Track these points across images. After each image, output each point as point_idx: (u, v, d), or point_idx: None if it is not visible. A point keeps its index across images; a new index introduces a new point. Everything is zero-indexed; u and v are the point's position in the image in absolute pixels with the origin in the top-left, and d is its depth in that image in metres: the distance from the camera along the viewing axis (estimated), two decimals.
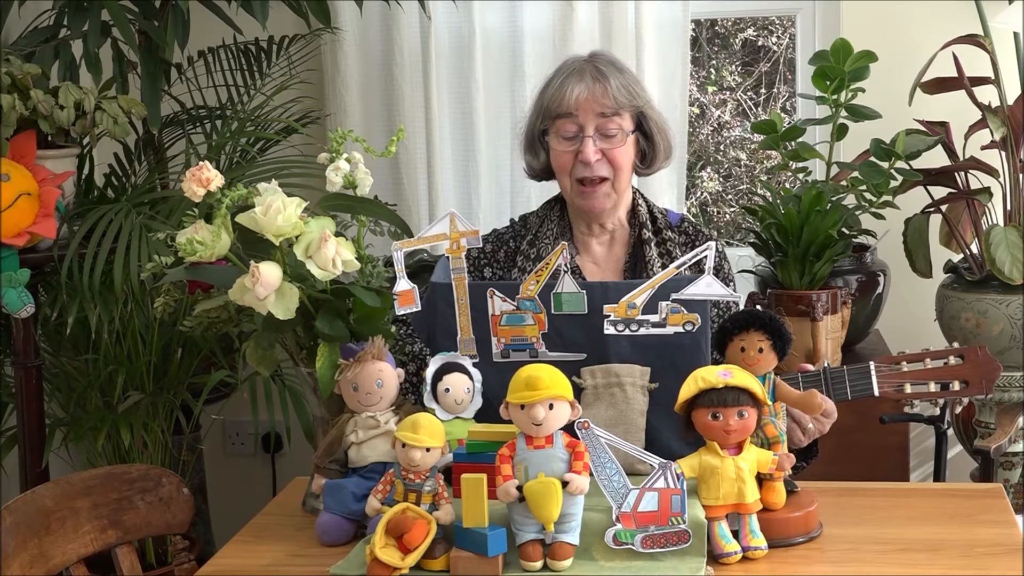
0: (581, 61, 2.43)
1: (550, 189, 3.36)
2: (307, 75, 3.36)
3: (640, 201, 2.48)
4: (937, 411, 3.09)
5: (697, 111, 4.48)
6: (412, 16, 3.39)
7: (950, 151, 3.10)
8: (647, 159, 2.46)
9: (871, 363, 2.06)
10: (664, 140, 2.46)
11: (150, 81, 2.90)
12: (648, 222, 2.45)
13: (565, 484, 1.69)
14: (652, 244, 2.42)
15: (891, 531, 1.87)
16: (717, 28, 4.46)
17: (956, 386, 2.04)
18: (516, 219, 2.55)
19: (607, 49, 3.32)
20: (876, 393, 2.06)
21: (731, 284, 2.44)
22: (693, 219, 2.55)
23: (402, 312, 1.95)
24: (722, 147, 4.62)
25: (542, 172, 2.51)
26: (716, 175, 4.61)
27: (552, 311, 2.01)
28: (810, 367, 2.11)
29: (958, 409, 3.15)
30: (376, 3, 3.33)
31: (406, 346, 2.33)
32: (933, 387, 2.05)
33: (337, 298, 1.92)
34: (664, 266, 2.37)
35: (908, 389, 2.05)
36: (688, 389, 1.79)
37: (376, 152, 1.99)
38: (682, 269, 1.98)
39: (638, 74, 3.31)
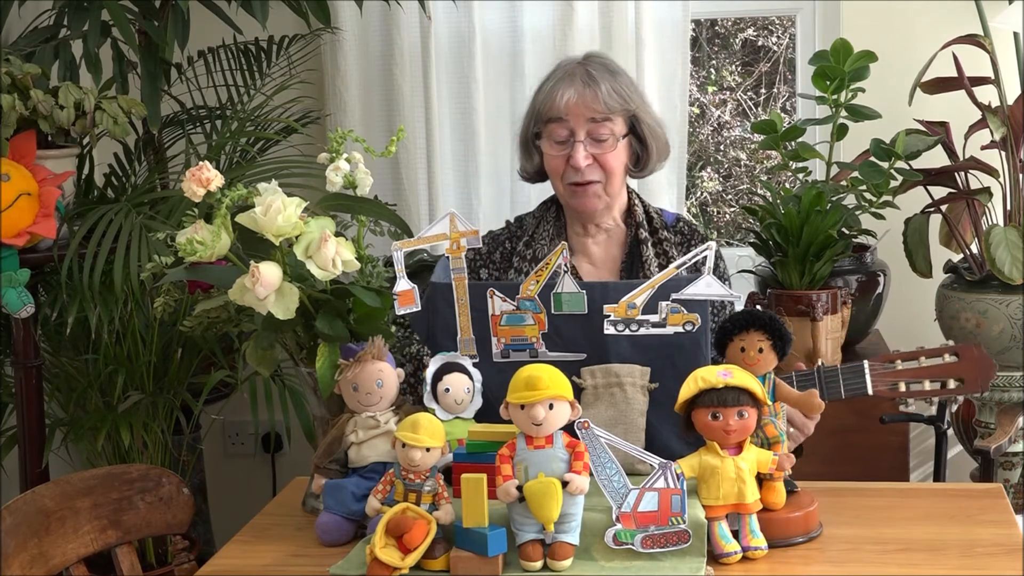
0: (574, 64, 2.43)
1: (550, 191, 3.38)
2: (307, 75, 3.36)
3: (636, 201, 2.48)
4: (935, 410, 3.09)
5: (697, 111, 4.48)
6: (412, 16, 3.39)
7: (950, 151, 3.10)
8: (640, 162, 2.46)
9: (865, 362, 2.06)
10: (658, 144, 2.45)
11: (150, 81, 2.90)
12: (644, 222, 2.46)
13: (565, 484, 1.69)
14: (649, 244, 2.43)
15: (891, 531, 1.87)
16: (717, 28, 4.47)
17: (952, 384, 2.04)
18: (512, 220, 2.55)
19: (605, 50, 3.33)
20: (870, 392, 2.06)
21: (727, 283, 2.44)
22: (690, 219, 2.54)
23: (402, 312, 1.95)
24: (722, 147, 4.62)
25: (536, 175, 2.51)
26: (716, 175, 4.62)
27: (552, 311, 2.01)
28: (803, 366, 2.11)
29: (954, 407, 3.15)
30: (376, 3, 3.33)
31: (404, 347, 2.33)
32: (928, 386, 2.05)
33: (337, 298, 1.92)
34: (661, 266, 2.37)
35: (903, 388, 2.05)
36: (688, 389, 1.79)
37: (376, 152, 1.99)
38: (681, 269, 1.98)
39: (638, 74, 3.32)
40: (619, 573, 1.70)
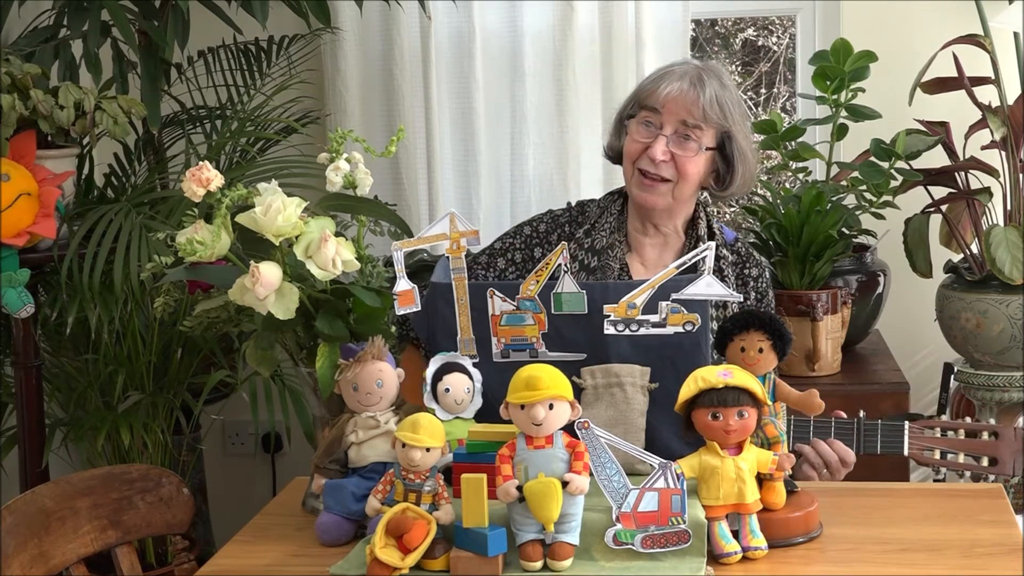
0: (691, 64, 2.39)
1: (550, 191, 3.38)
2: (307, 75, 3.36)
3: (701, 215, 2.43)
4: (935, 410, 3.09)
5: None
6: (412, 16, 3.39)
7: (950, 151, 3.10)
8: (721, 182, 2.39)
9: (906, 422, 2.07)
10: (744, 170, 2.37)
11: (150, 81, 2.89)
12: (705, 237, 2.41)
13: (565, 484, 1.69)
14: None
15: (891, 531, 1.87)
16: (717, 28, 4.47)
17: (985, 462, 2.05)
18: (572, 204, 2.51)
19: (605, 50, 3.34)
20: (906, 453, 2.07)
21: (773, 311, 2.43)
22: (747, 242, 2.50)
23: (402, 312, 1.95)
24: None
25: (617, 156, 2.45)
26: None
27: (552, 311, 2.01)
28: (843, 414, 2.12)
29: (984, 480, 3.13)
30: (376, 3, 3.33)
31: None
32: (962, 459, 2.07)
33: (337, 298, 1.92)
34: None
35: (937, 455, 2.07)
36: (688, 389, 1.79)
37: (376, 152, 1.99)
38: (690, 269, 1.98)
39: (638, 74, 3.32)
40: (619, 573, 1.70)
